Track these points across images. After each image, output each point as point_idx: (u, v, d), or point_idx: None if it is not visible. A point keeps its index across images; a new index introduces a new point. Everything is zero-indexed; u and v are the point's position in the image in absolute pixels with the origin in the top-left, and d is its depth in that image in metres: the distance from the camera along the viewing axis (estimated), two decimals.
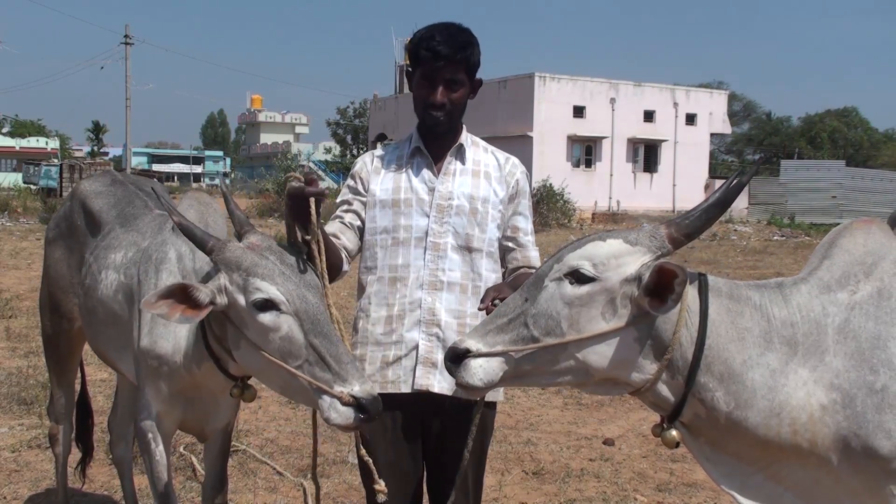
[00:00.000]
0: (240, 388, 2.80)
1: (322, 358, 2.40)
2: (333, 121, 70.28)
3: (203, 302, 2.49)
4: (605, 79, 39.01)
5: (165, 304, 2.46)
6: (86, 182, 4.02)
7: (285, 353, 2.45)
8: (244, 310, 2.49)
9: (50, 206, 27.12)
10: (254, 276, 2.48)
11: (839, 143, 61.75)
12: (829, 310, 2.12)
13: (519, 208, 3.04)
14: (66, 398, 4.27)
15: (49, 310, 4.07)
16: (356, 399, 2.35)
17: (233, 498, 4.74)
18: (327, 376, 2.39)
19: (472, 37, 2.90)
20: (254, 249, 2.56)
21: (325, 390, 2.38)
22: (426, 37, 2.84)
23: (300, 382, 2.43)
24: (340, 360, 2.40)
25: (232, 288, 2.51)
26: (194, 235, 2.58)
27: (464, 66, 2.86)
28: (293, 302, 2.45)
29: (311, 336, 2.42)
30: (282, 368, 2.45)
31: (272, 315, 2.45)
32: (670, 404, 2.14)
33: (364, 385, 2.37)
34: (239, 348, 2.58)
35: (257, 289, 2.46)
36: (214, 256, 2.56)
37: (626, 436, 6.18)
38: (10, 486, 4.97)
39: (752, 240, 26.21)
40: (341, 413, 2.35)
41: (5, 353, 8.30)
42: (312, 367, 2.41)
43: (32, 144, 65.19)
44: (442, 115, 2.88)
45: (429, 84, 2.87)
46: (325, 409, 2.38)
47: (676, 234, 2.14)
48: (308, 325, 2.43)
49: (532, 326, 2.13)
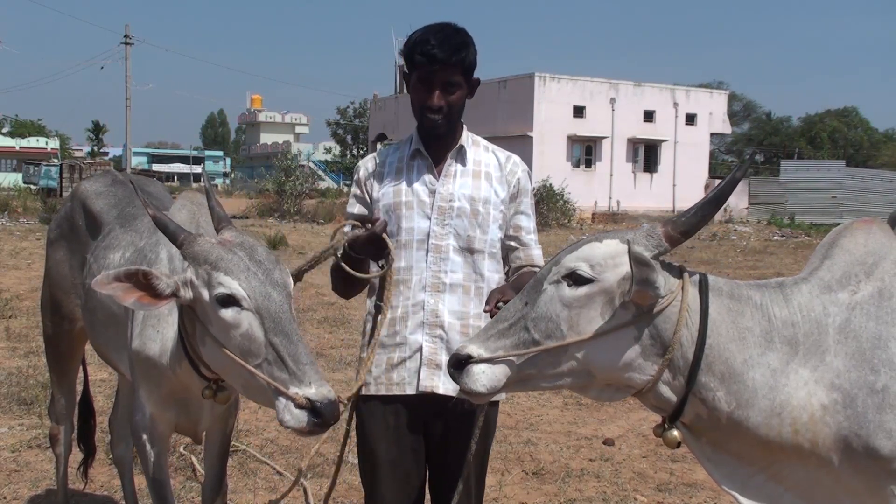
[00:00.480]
0: (211, 390, 2.77)
1: (280, 357, 2.36)
2: (333, 121, 70.36)
3: (163, 292, 2.47)
4: (605, 79, 39.02)
5: (120, 286, 2.43)
6: (86, 182, 4.02)
7: (245, 351, 2.42)
8: (208, 305, 2.48)
9: (50, 206, 27.11)
10: (217, 270, 2.46)
11: (839, 143, 61.77)
12: (829, 310, 2.12)
13: (521, 207, 3.03)
14: (67, 398, 4.27)
15: (50, 310, 4.07)
16: (311, 402, 2.30)
17: (233, 498, 4.74)
18: (284, 376, 2.34)
19: (467, 37, 2.88)
20: (224, 245, 2.54)
21: (280, 391, 2.33)
22: (421, 40, 2.82)
23: (259, 382, 2.39)
24: (299, 360, 2.35)
25: (198, 282, 2.49)
26: (166, 228, 2.58)
27: (460, 68, 2.84)
28: (255, 298, 2.42)
29: (272, 335, 2.39)
30: (242, 367, 2.42)
31: (233, 311, 2.43)
32: (671, 405, 2.14)
33: (321, 388, 2.31)
34: (205, 345, 2.57)
35: (220, 283, 2.44)
36: (183, 250, 2.54)
37: (626, 436, 6.18)
38: (10, 486, 4.97)
39: (752, 240, 26.21)
40: (295, 416, 2.31)
41: (5, 353, 8.30)
42: (271, 366, 2.37)
43: (32, 144, 65.21)
44: (439, 118, 2.88)
45: (425, 88, 2.86)
46: (280, 410, 2.33)
47: (673, 232, 2.14)
48: (269, 324, 2.40)
49: (532, 330, 2.13)
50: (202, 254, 2.51)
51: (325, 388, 2.33)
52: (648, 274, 2.02)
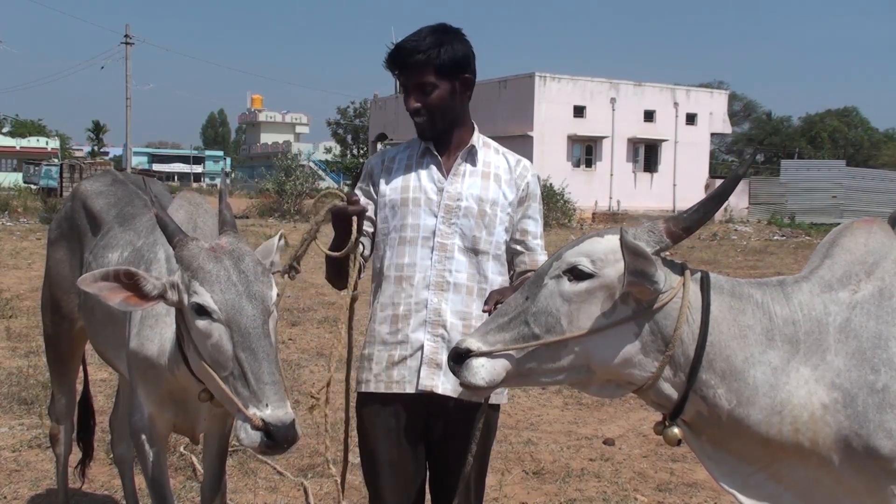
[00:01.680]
0: (208, 393, 2.76)
1: (244, 373, 2.38)
2: (334, 121, 70.30)
3: (149, 293, 2.49)
4: (606, 78, 39.00)
5: (105, 286, 2.45)
6: (87, 182, 4.02)
7: (215, 362, 2.45)
8: (187, 310, 2.50)
9: (50, 205, 27.11)
10: (195, 279, 2.48)
11: (839, 142, 61.77)
12: (830, 309, 2.12)
13: (529, 211, 3.02)
14: (67, 398, 4.27)
15: (50, 310, 4.07)
16: (265, 423, 2.31)
17: (233, 498, 4.74)
18: (245, 394, 2.37)
19: (444, 36, 2.84)
20: (214, 251, 2.54)
21: (239, 409, 2.36)
22: (395, 46, 2.84)
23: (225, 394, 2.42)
24: (261, 378, 2.36)
25: (182, 287, 2.52)
26: (166, 228, 2.59)
27: (431, 68, 2.81)
28: (226, 311, 2.43)
29: (239, 349, 2.40)
30: (212, 376, 2.45)
31: (206, 321, 2.45)
32: (672, 402, 2.14)
33: (277, 410, 2.32)
34: (189, 349, 2.59)
35: (195, 292, 2.46)
36: (175, 252, 2.56)
37: (626, 435, 6.18)
38: (10, 485, 4.97)
39: (753, 239, 26.22)
40: (249, 435, 2.33)
41: (5, 352, 8.30)
42: (236, 381, 2.40)
43: (33, 144, 65.19)
44: (422, 119, 2.87)
45: (404, 91, 2.89)
46: (237, 427, 2.37)
47: (675, 229, 2.14)
48: (237, 338, 2.41)
49: (533, 324, 2.13)
50: (188, 259, 2.52)
51: (280, 411, 2.33)
52: (643, 265, 2.02)
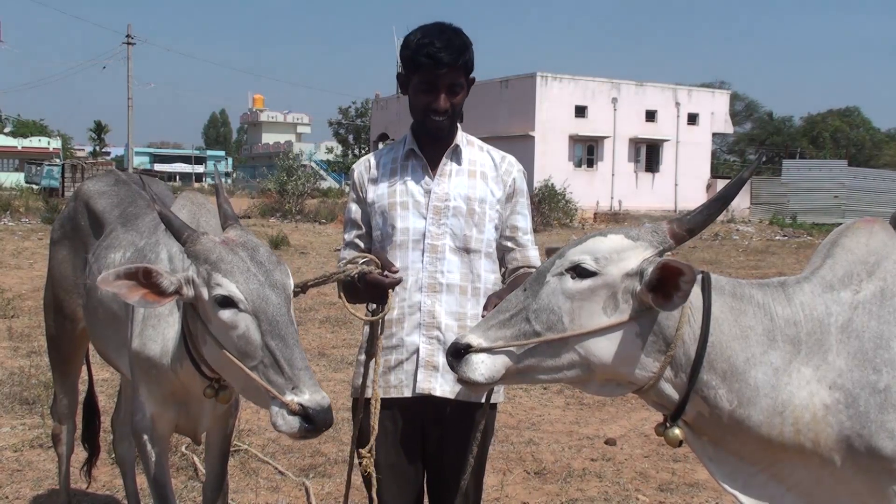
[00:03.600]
0: (213, 389, 2.78)
1: (276, 361, 2.37)
2: (335, 121, 70.31)
3: (166, 289, 2.48)
4: (607, 78, 39.01)
5: (125, 284, 2.44)
6: (89, 182, 4.02)
7: (242, 353, 2.43)
8: (207, 304, 2.49)
9: (52, 205, 27.12)
10: (217, 271, 2.46)
11: (841, 142, 61.65)
12: (832, 309, 2.12)
13: (517, 207, 3.02)
14: (69, 398, 4.27)
15: (53, 310, 4.07)
16: (304, 408, 2.31)
17: (234, 497, 4.74)
18: (280, 381, 2.36)
19: (466, 38, 2.87)
20: (227, 244, 2.54)
21: (275, 396, 2.35)
22: (424, 42, 2.81)
23: (255, 383, 2.41)
24: (294, 364, 2.36)
25: (198, 281, 2.50)
26: (171, 224, 2.58)
27: (463, 70, 2.85)
28: (252, 301, 2.42)
29: (268, 337, 2.39)
30: (239, 368, 2.44)
31: (231, 312, 2.43)
32: (673, 402, 2.14)
33: (314, 394, 2.33)
34: (206, 343, 2.58)
35: (218, 284, 2.44)
36: (187, 248, 2.55)
37: (627, 436, 6.18)
38: (12, 485, 4.97)
39: (754, 239, 26.19)
40: (287, 421, 2.32)
41: (7, 352, 8.31)
42: (267, 369, 2.38)
43: (34, 144, 65.17)
44: (444, 119, 2.88)
45: (430, 90, 2.85)
46: (273, 414, 2.35)
47: (678, 230, 2.14)
48: (266, 326, 2.40)
49: (534, 321, 2.13)
50: (203, 252, 2.51)
51: (318, 395, 2.34)
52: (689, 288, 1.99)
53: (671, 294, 2.00)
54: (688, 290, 1.99)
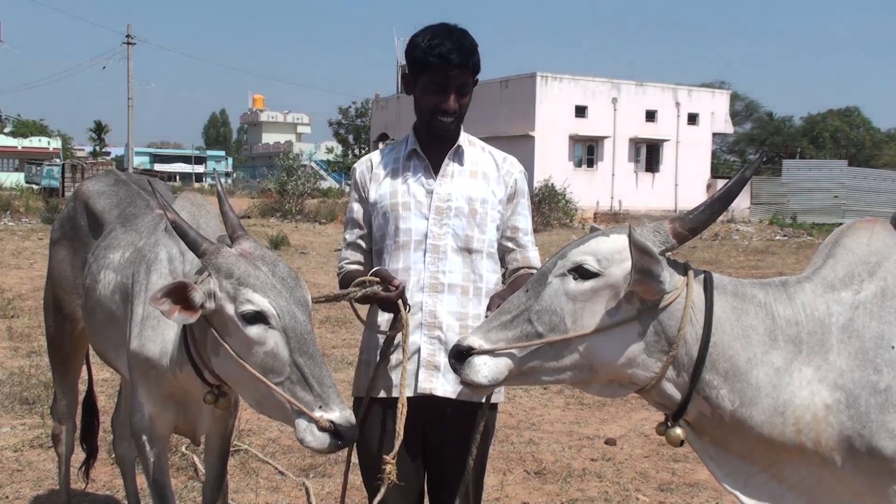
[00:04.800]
0: (213, 395, 2.78)
1: (305, 378, 2.39)
2: (335, 121, 70.33)
3: (197, 304, 2.47)
4: (607, 78, 39.01)
5: (168, 301, 2.44)
6: (89, 182, 4.02)
7: (267, 368, 2.43)
8: (230, 319, 2.47)
9: (52, 205, 27.12)
10: (246, 286, 2.46)
11: (841, 142, 61.66)
12: (833, 309, 2.12)
13: (518, 208, 3.03)
14: (69, 398, 4.27)
15: (53, 310, 4.07)
16: (334, 425, 2.35)
17: (234, 497, 4.74)
18: (308, 398, 2.38)
19: (473, 40, 2.88)
20: (246, 257, 2.54)
21: (304, 412, 2.37)
22: (435, 43, 2.81)
23: (278, 399, 2.42)
24: (323, 382, 2.39)
25: (221, 295, 2.49)
26: (187, 236, 2.56)
27: (472, 71, 2.87)
28: (283, 318, 2.43)
29: (297, 355, 2.40)
30: (261, 383, 2.44)
31: (260, 328, 2.43)
32: (675, 402, 2.14)
33: (343, 412, 2.37)
34: (218, 355, 2.57)
35: (248, 300, 2.44)
36: (206, 260, 2.53)
37: (627, 436, 6.18)
38: (12, 485, 4.97)
39: (754, 239, 26.19)
40: (317, 437, 2.36)
41: (7, 352, 8.30)
42: (294, 385, 2.40)
43: (35, 144, 65.13)
44: (451, 120, 2.88)
45: (440, 91, 2.85)
46: (301, 430, 2.38)
47: (680, 229, 2.14)
48: (294, 344, 2.41)
49: (536, 322, 2.12)
50: (227, 267, 2.50)
51: (347, 412, 2.38)
52: (650, 264, 2.01)
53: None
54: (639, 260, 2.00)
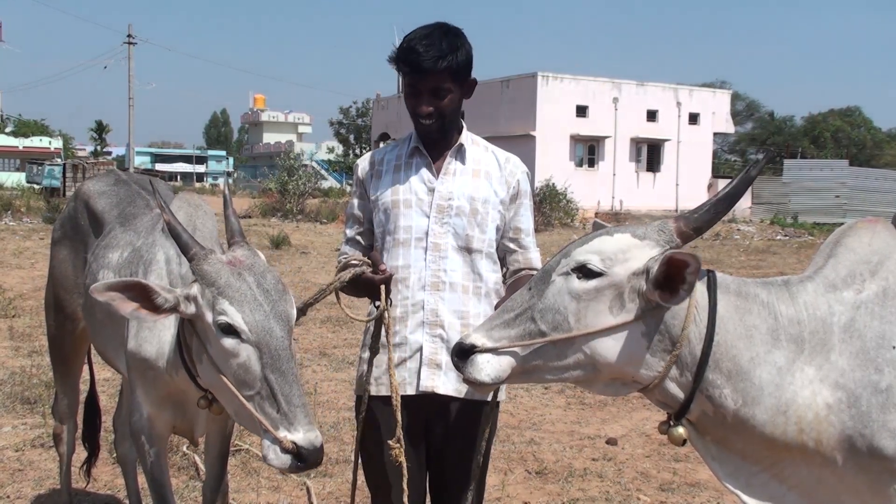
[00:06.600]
0: (207, 400, 2.76)
1: (273, 395, 2.38)
2: (336, 120, 70.27)
3: (161, 306, 2.47)
4: (608, 78, 39.01)
5: (117, 296, 2.43)
6: (89, 182, 4.02)
7: (240, 381, 2.43)
8: (209, 327, 2.47)
9: (53, 205, 27.12)
10: (223, 297, 2.45)
11: (842, 142, 61.66)
12: (834, 308, 2.11)
13: (520, 209, 3.01)
14: (70, 398, 4.27)
15: (54, 310, 4.07)
16: (297, 447, 2.33)
17: (235, 497, 4.74)
18: (274, 415, 2.37)
19: (456, 40, 2.82)
20: (234, 266, 2.53)
21: (269, 431, 2.36)
22: (407, 48, 2.79)
23: (249, 413, 2.41)
24: (291, 401, 2.37)
25: (202, 302, 2.49)
26: (179, 238, 2.56)
27: (447, 74, 2.80)
28: (256, 332, 2.42)
29: (268, 370, 2.39)
30: (234, 395, 2.44)
31: (233, 341, 2.43)
32: (678, 401, 2.14)
33: (308, 433, 2.34)
34: (201, 362, 2.58)
35: (223, 311, 2.43)
36: (194, 265, 2.53)
37: (629, 435, 6.18)
38: (13, 485, 4.97)
39: (755, 239, 26.19)
40: (279, 457, 2.35)
41: (8, 352, 8.31)
42: (263, 401, 2.39)
43: (35, 144, 65.09)
44: (430, 122, 2.85)
45: (414, 94, 2.84)
46: (265, 447, 2.38)
47: (685, 228, 2.13)
48: (266, 359, 2.40)
49: (539, 321, 2.12)
50: (211, 274, 2.49)
51: (312, 434, 2.35)
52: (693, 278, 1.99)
53: (677, 288, 2.00)
54: (693, 280, 1.98)
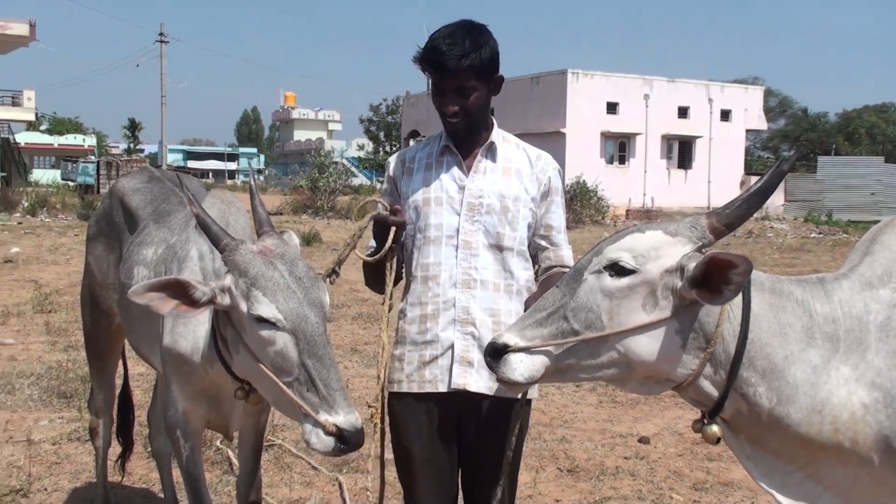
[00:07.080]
0: (244, 391, 2.79)
1: (312, 380, 2.40)
2: (366, 118, 70.49)
3: (199, 300, 2.50)
4: (639, 74, 38.81)
5: (156, 296, 2.46)
6: (124, 179, 4.06)
7: (278, 368, 2.46)
8: (244, 317, 2.50)
9: (87, 202, 27.48)
10: (257, 287, 2.48)
11: (877, 138, 60.74)
12: (871, 307, 2.09)
13: (552, 206, 3.00)
14: (106, 392, 4.33)
15: (89, 305, 4.12)
16: (339, 429, 2.36)
17: (269, 492, 4.77)
18: (314, 400, 2.39)
19: (480, 38, 2.81)
20: (265, 255, 2.55)
21: (309, 414, 2.39)
22: (430, 48, 2.79)
23: (289, 398, 2.44)
24: (330, 385, 2.40)
25: (236, 292, 2.52)
26: (209, 230, 2.60)
27: (471, 72, 2.79)
28: (291, 320, 2.44)
29: (305, 356, 2.42)
30: (273, 381, 2.46)
31: (270, 330, 2.46)
32: (712, 400, 2.12)
33: (349, 416, 2.37)
34: (238, 352, 2.60)
35: (257, 302, 2.46)
36: (225, 256, 2.57)
37: (661, 434, 6.14)
38: (50, 477, 5.04)
39: (789, 237, 25.93)
40: (322, 440, 2.37)
41: (45, 347, 8.43)
42: (302, 386, 2.42)
43: (70, 142, 65.94)
44: (456, 121, 2.86)
45: (439, 94, 2.86)
46: (307, 431, 2.40)
47: (717, 224, 2.12)
48: (303, 345, 2.43)
49: (572, 320, 2.11)
50: (243, 265, 2.52)
51: (352, 416, 2.39)
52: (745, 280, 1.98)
53: (720, 288, 1.97)
54: (741, 282, 1.96)
